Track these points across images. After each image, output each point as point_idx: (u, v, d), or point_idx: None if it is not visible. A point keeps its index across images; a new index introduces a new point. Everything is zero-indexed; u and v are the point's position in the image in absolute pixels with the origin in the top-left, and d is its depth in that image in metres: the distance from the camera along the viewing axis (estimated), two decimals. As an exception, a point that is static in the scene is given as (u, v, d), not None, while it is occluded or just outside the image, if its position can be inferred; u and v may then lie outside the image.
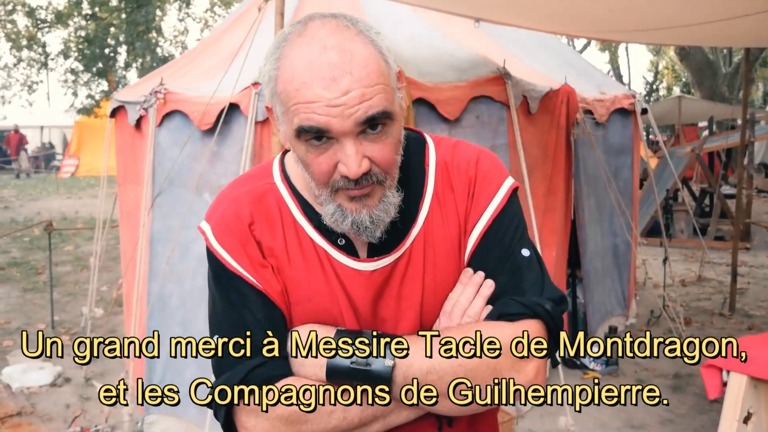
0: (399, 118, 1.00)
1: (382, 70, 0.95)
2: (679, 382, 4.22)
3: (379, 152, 0.96)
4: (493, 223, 1.07)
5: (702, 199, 10.14)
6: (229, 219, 1.07)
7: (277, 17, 2.83)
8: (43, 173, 21.77)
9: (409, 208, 1.07)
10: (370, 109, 0.92)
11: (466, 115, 3.34)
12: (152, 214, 3.50)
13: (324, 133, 0.93)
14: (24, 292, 6.54)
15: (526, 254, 1.08)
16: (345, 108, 0.91)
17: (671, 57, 27.21)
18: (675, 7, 3.37)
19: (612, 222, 4.90)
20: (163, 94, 3.42)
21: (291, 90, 0.93)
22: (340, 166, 0.95)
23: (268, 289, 1.04)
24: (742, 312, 5.77)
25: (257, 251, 1.05)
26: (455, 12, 3.57)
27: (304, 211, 1.07)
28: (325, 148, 0.95)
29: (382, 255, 1.06)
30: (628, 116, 5.06)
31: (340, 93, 0.91)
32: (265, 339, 1.02)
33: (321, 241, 1.06)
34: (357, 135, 0.94)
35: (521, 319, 1.02)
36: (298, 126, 0.93)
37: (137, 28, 12.40)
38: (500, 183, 1.09)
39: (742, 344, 2.48)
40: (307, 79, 0.92)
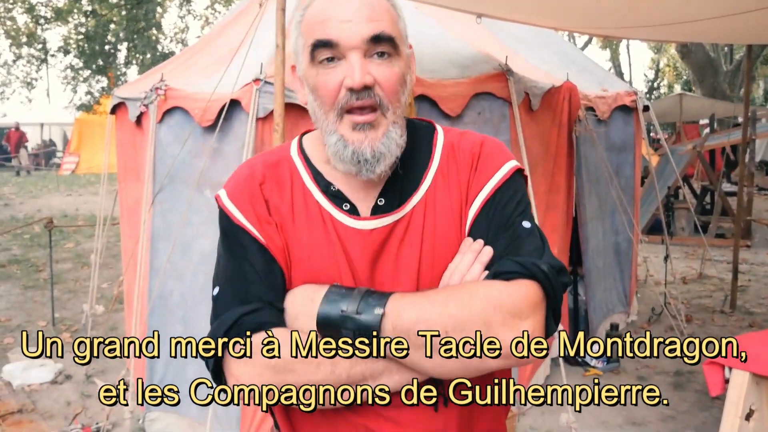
0: (404, 59, 1.07)
1: (393, 15, 1.06)
2: (680, 379, 4.22)
3: (382, 75, 1.03)
4: (494, 194, 1.09)
5: (703, 196, 10.13)
6: (242, 178, 1.13)
7: (278, 13, 2.82)
8: (43, 170, 21.76)
9: (413, 178, 1.11)
10: (377, 28, 1.02)
11: (468, 111, 3.33)
12: (153, 210, 3.50)
13: (334, 47, 1.01)
14: (25, 290, 6.54)
15: (527, 226, 1.08)
16: (353, 24, 1.01)
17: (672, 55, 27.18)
18: (677, 3, 3.36)
19: (613, 219, 4.89)
20: (164, 90, 3.41)
21: (312, 22, 1.04)
22: (346, 79, 1.01)
23: (269, 244, 1.08)
24: (743, 309, 5.77)
25: (264, 208, 1.10)
26: (457, 8, 3.56)
27: (315, 179, 1.12)
28: (334, 67, 1.03)
29: (384, 215, 1.09)
30: (630, 113, 5.05)
31: (351, 11, 1.02)
32: (261, 289, 1.05)
33: (327, 205, 1.10)
34: (364, 54, 1.02)
35: (516, 278, 1.01)
36: (313, 41, 1.02)
37: (137, 24, 12.38)
38: (504, 161, 1.12)
39: (743, 342, 2.47)
40: (327, 4, 1.04)
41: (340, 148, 1.04)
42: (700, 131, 16.49)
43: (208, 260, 3.27)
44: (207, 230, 3.29)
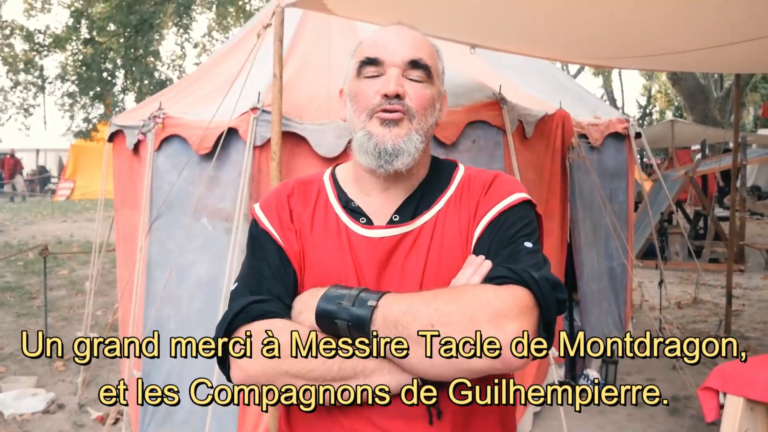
0: (438, 89, 1.23)
1: (433, 53, 1.24)
2: (676, 405, 4.21)
3: (414, 92, 1.18)
4: (500, 216, 1.15)
5: (696, 221, 10.20)
6: (274, 192, 1.28)
7: (276, 43, 2.87)
8: (38, 196, 21.73)
9: (428, 200, 1.21)
10: (416, 54, 1.18)
11: (462, 139, 3.37)
12: (150, 238, 3.51)
13: (378, 64, 1.18)
14: (18, 317, 6.49)
15: (529, 246, 1.12)
16: (397, 46, 1.18)
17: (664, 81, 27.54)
18: (666, 35, 3.43)
19: (608, 245, 4.92)
20: (162, 118, 3.45)
21: (364, 47, 1.23)
22: (381, 88, 1.16)
23: (287, 247, 1.19)
24: (738, 334, 5.78)
25: (288, 216, 1.22)
26: (451, 39, 3.62)
27: (338, 196, 1.25)
28: (375, 80, 1.18)
29: (394, 226, 1.19)
30: (622, 140, 5.11)
31: (398, 39, 1.20)
32: (273, 285, 1.15)
33: (344, 217, 1.21)
34: (402, 72, 1.17)
35: (508, 284, 1.04)
36: (362, 59, 1.20)
37: (135, 52, 12.48)
38: (514, 191, 1.19)
39: (739, 367, 2.49)
40: (378, 35, 1.22)
41: (365, 141, 1.17)
42: (692, 157, 16.63)
43: (205, 288, 3.29)
44: (203, 258, 3.30)
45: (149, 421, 3.47)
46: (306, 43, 3.76)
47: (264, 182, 3.11)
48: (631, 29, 3.33)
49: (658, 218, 8.66)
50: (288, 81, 3.20)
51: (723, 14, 2.94)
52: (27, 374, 4.76)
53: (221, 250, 3.15)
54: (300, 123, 3.09)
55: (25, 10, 15.20)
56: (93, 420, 4.01)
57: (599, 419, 4.01)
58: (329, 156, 3.06)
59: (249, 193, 3.07)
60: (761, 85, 23.96)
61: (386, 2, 3.05)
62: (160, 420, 3.45)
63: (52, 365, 4.99)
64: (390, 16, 3.16)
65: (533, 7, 2.95)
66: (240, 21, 16.24)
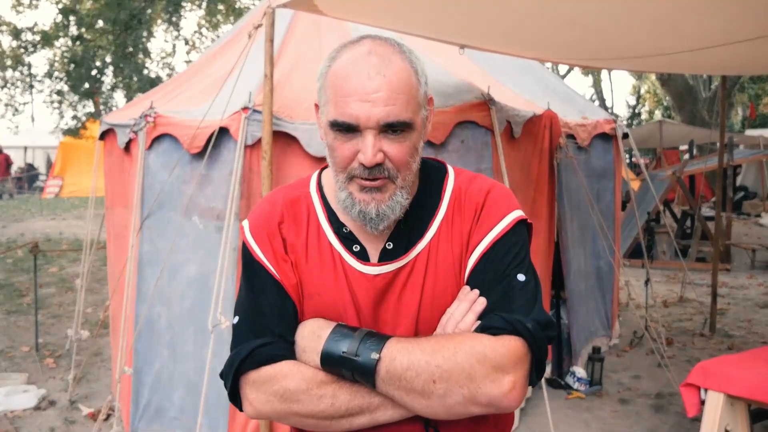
0: (419, 129, 1.15)
1: (412, 83, 1.13)
2: (661, 401, 4.28)
3: (394, 151, 1.11)
4: (493, 246, 1.16)
5: (683, 221, 10.30)
6: (263, 216, 1.23)
7: (267, 44, 2.91)
8: (26, 194, 21.59)
9: (420, 225, 1.20)
10: (391, 115, 1.09)
11: (451, 139, 3.42)
12: (141, 236, 3.53)
13: (351, 127, 1.10)
14: (8, 315, 6.48)
15: (522, 279, 1.15)
16: (371, 106, 1.09)
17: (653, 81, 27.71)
18: (654, 37, 3.48)
19: (595, 244, 4.99)
20: (153, 117, 3.47)
21: (337, 81, 1.12)
22: (359, 155, 1.10)
23: (284, 280, 1.18)
24: (723, 332, 5.87)
25: (281, 247, 1.20)
26: (440, 39, 3.66)
27: (329, 219, 1.23)
28: (350, 138, 1.11)
29: (388, 262, 1.18)
30: (610, 141, 5.18)
31: (372, 90, 1.09)
32: (274, 323, 1.16)
33: (338, 246, 1.20)
34: (378, 132, 1.10)
35: (503, 335, 1.08)
36: (333, 119, 1.11)
37: (125, 50, 12.44)
38: (507, 212, 1.19)
39: (720, 363, 2.54)
40: (351, 72, 1.11)
41: (349, 205, 1.15)
42: (680, 157, 16.78)
43: (195, 285, 3.31)
44: (194, 256, 3.33)
45: (140, 417, 3.49)
46: (296, 43, 3.79)
47: (255, 181, 3.14)
48: (619, 31, 3.38)
49: (645, 218, 8.75)
50: (279, 81, 3.23)
51: (710, 17, 2.99)
52: (17, 371, 4.77)
53: (212, 249, 3.18)
54: (291, 122, 3.12)
55: (12, 6, 15.09)
56: (84, 416, 4.02)
57: (585, 416, 4.08)
58: (320, 155, 3.09)
59: (240, 192, 3.10)
60: (749, 85, 24.18)
61: (376, 3, 3.08)
62: (151, 416, 3.47)
63: (43, 362, 4.99)
64: (379, 17, 3.21)
65: (521, 8, 3.00)
66: (230, 18, 16.20)
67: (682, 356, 5.19)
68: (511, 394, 1.05)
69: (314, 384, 1.10)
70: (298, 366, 1.12)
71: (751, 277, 8.40)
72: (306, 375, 1.11)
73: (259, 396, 1.12)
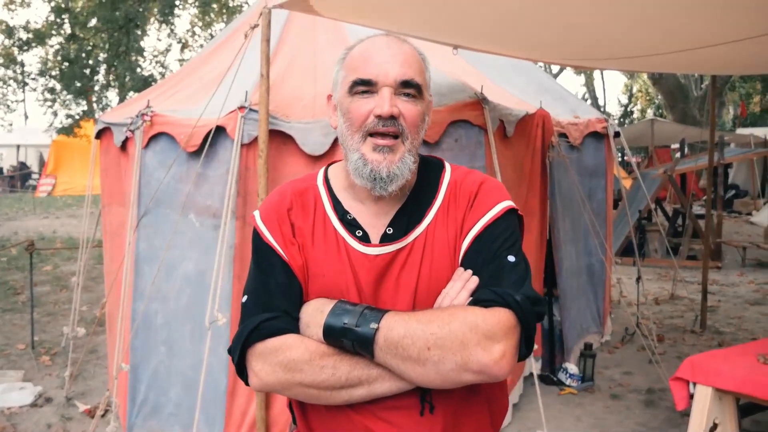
0: (426, 103, 1.29)
1: (422, 64, 1.29)
2: (652, 396, 4.34)
3: (407, 111, 1.23)
4: (485, 230, 1.25)
5: (675, 219, 10.39)
6: (273, 204, 1.33)
7: (263, 44, 2.94)
8: (19, 192, 21.50)
9: (418, 212, 1.29)
10: (408, 74, 1.23)
11: (445, 138, 3.46)
12: (138, 234, 3.55)
13: (371, 84, 1.22)
14: (3, 313, 6.49)
15: (512, 260, 1.23)
16: (389, 66, 1.22)
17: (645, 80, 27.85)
18: (644, 38, 3.54)
19: (587, 242, 5.05)
20: (150, 116, 3.50)
21: (355, 60, 1.26)
22: (375, 109, 1.21)
23: (291, 262, 1.27)
24: (713, 329, 5.94)
25: (290, 231, 1.29)
26: (434, 40, 3.70)
27: (335, 207, 1.31)
28: (367, 98, 1.23)
29: (388, 244, 1.26)
30: (602, 139, 5.23)
31: (390, 55, 1.24)
32: (281, 300, 1.24)
33: (342, 231, 1.29)
34: (394, 91, 1.22)
35: (494, 306, 1.15)
36: (354, 79, 1.23)
37: (119, 48, 12.41)
38: (499, 201, 1.28)
39: (708, 358, 2.60)
40: (370, 47, 1.26)
41: (360, 166, 1.23)
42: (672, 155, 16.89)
43: (192, 283, 3.35)
44: (191, 253, 3.36)
45: (137, 413, 3.52)
46: (292, 43, 3.82)
47: (251, 179, 3.17)
48: (610, 31, 3.43)
49: (636, 216, 8.82)
50: (275, 80, 3.27)
51: (699, 18, 3.05)
52: (13, 368, 4.78)
53: (209, 246, 3.22)
54: (287, 121, 3.16)
55: (4, 4, 15.03)
56: (81, 413, 4.05)
57: (577, 411, 4.13)
58: (315, 154, 3.13)
59: (236, 190, 3.14)
60: (740, 84, 24.35)
61: (371, 4, 3.12)
62: (148, 413, 3.50)
63: (39, 360, 5.01)
64: (374, 17, 3.25)
65: (514, 8, 3.04)
66: (222, 17, 16.19)
67: (673, 353, 5.25)
68: (501, 362, 1.12)
69: (317, 355, 1.17)
70: (302, 338, 1.20)
71: (742, 274, 8.49)
72: (309, 346, 1.18)
73: (264, 367, 1.19)
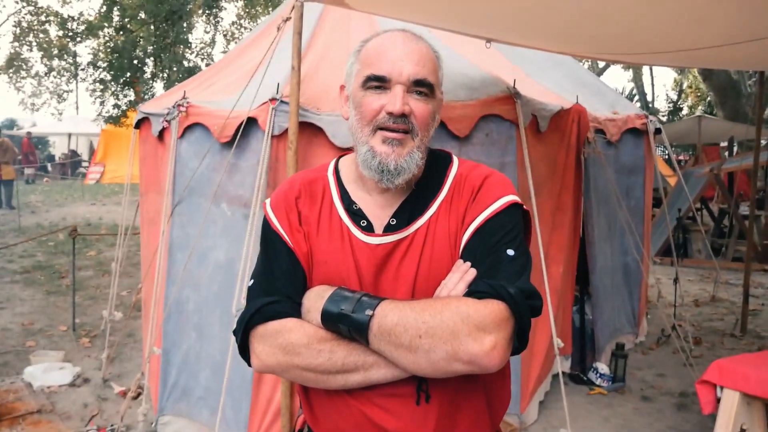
0: (437, 101, 1.31)
1: (436, 63, 1.31)
2: (685, 400, 4.24)
3: (418, 109, 1.25)
4: (485, 223, 1.25)
5: (720, 219, 10.08)
6: (283, 192, 1.38)
7: (295, 36, 2.97)
8: (69, 180, 22.23)
9: (422, 204, 1.31)
10: (421, 73, 1.25)
11: (475, 132, 3.44)
12: (172, 222, 3.64)
13: (384, 80, 1.24)
14: (47, 295, 6.74)
15: (511, 253, 1.23)
16: (404, 64, 1.24)
17: (696, 76, 27.01)
18: (686, 31, 3.43)
19: (623, 240, 4.95)
20: (186, 107, 3.57)
21: (371, 50, 1.29)
22: (387, 106, 1.23)
23: (297, 248, 1.30)
24: (754, 333, 5.76)
25: (297, 219, 1.33)
26: (467, 33, 3.68)
27: (342, 198, 1.35)
28: (380, 94, 1.25)
29: (390, 233, 1.28)
30: (641, 136, 5.12)
31: (404, 53, 1.25)
32: (284, 285, 1.27)
33: (347, 221, 1.32)
34: (406, 89, 1.24)
35: (487, 298, 1.15)
36: (368, 74, 1.26)
37: (165, 40, 12.70)
38: (502, 195, 1.28)
39: (737, 362, 2.53)
40: (385, 42, 1.29)
41: (369, 158, 1.25)
42: (720, 153, 16.37)
43: (223, 270, 3.42)
44: (222, 242, 3.43)
45: (168, 396, 3.62)
46: (325, 36, 3.85)
47: (281, 170, 3.21)
48: (650, 25, 3.34)
49: (677, 215, 8.60)
50: (306, 73, 3.30)
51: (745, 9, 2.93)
52: (55, 349, 4.97)
53: (239, 235, 3.28)
54: (317, 114, 3.19)
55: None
56: (116, 394, 4.19)
57: (605, 412, 4.07)
58: (345, 146, 3.15)
59: (266, 180, 3.18)
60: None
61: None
62: (178, 396, 3.60)
63: (79, 341, 5.20)
64: (407, 11, 3.25)
65: (548, 1, 2.99)
66: (269, 9, 16.38)
67: (710, 356, 5.11)
68: (491, 353, 1.12)
69: (315, 339, 1.20)
70: (301, 323, 1.23)
71: (789, 278, 8.20)
72: (308, 331, 1.21)
73: (264, 348, 1.23)
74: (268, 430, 3.23)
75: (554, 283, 3.91)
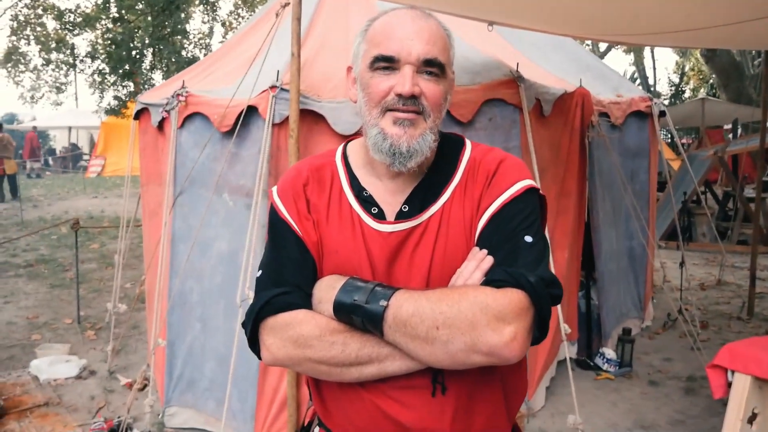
0: (449, 81, 1.24)
1: (446, 40, 1.24)
2: (692, 384, 4.23)
3: (428, 90, 1.19)
4: (502, 209, 1.20)
5: (725, 202, 10.03)
6: (290, 178, 1.32)
7: (294, 23, 2.92)
8: (70, 173, 22.21)
9: (435, 190, 1.25)
10: (431, 53, 1.18)
11: (479, 117, 3.39)
12: (173, 213, 3.62)
13: (392, 60, 1.18)
14: (51, 288, 6.73)
15: (529, 240, 1.17)
16: (413, 42, 1.18)
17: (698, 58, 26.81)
18: (692, 9, 3.37)
19: (628, 224, 4.91)
20: (185, 96, 3.53)
21: (380, 29, 1.22)
22: (396, 86, 1.18)
23: (306, 237, 1.25)
24: (761, 316, 5.73)
25: (305, 207, 1.28)
26: (468, 16, 3.62)
27: (351, 184, 1.29)
28: (388, 74, 1.19)
29: (403, 221, 1.23)
30: (645, 119, 5.06)
31: (414, 31, 1.19)
32: (294, 275, 1.22)
33: (357, 208, 1.27)
34: (416, 69, 1.18)
35: (505, 287, 1.10)
36: (376, 54, 1.19)
37: (163, 31, 12.62)
38: (518, 179, 1.22)
39: (748, 345, 2.50)
40: (393, 20, 1.22)
41: (379, 140, 1.20)
42: (724, 136, 16.27)
43: (226, 261, 3.39)
44: (225, 232, 3.40)
45: (174, 387, 3.61)
46: (324, 22, 3.79)
47: (283, 159, 3.18)
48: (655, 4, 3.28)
49: (682, 199, 8.55)
50: (306, 60, 3.25)
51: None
52: (60, 342, 4.97)
53: (241, 225, 3.25)
54: (318, 101, 3.14)
55: (56, -11, 15.42)
56: (122, 386, 4.18)
57: (613, 396, 4.05)
58: (347, 134, 3.11)
59: (268, 170, 3.15)
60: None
61: (403, -20, 3.06)
62: (184, 387, 3.59)
63: (84, 334, 5.19)
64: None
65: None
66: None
67: (717, 339, 5.09)
68: (511, 344, 1.07)
69: (327, 331, 1.15)
70: (312, 314, 1.18)
71: (795, 260, 8.15)
72: (320, 322, 1.16)
73: (275, 341, 1.18)
74: (275, 420, 3.22)
75: (559, 269, 3.88)
